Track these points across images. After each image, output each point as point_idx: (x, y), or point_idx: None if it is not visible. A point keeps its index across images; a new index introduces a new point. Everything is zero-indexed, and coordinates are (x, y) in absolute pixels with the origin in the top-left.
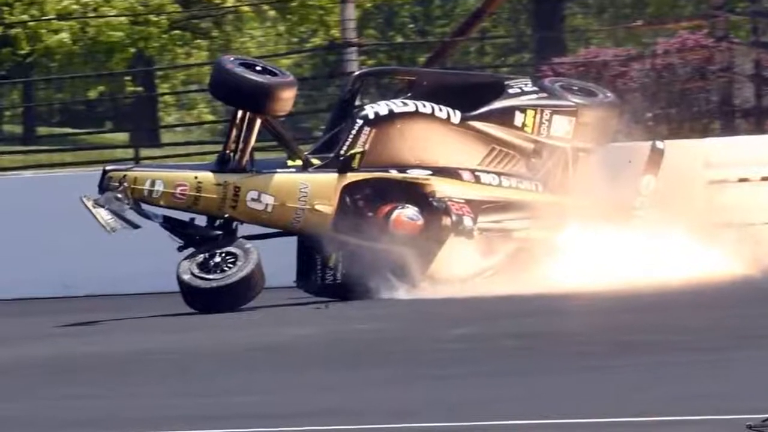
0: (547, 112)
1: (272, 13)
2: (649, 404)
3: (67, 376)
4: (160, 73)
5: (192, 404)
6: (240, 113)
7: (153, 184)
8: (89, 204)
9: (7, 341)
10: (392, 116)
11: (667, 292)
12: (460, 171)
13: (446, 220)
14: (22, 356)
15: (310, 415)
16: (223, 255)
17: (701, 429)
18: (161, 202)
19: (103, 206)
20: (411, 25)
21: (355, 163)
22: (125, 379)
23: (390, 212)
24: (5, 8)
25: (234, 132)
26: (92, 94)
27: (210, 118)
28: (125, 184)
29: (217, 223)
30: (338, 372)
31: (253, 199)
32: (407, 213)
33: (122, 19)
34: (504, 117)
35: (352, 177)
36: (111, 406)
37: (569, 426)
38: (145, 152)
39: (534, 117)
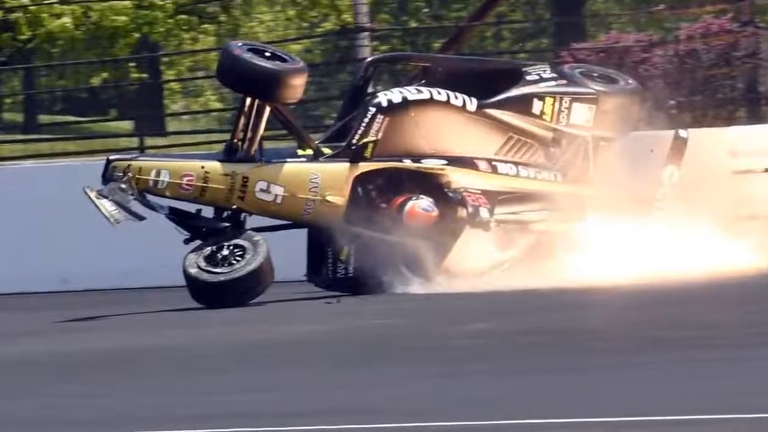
0: (566, 99)
1: None
2: (673, 402)
3: (68, 374)
4: (165, 59)
5: (198, 403)
6: (248, 101)
7: (158, 174)
8: (92, 195)
9: (4, 337)
10: (406, 104)
11: (690, 287)
12: (476, 160)
13: (462, 212)
14: (20, 353)
15: (321, 413)
16: (231, 248)
17: (727, 428)
18: (167, 193)
19: (106, 197)
20: (425, 10)
21: (368, 153)
22: (129, 377)
23: (404, 203)
24: None
25: (242, 120)
26: (95, 80)
27: (217, 105)
28: (130, 174)
29: (225, 214)
30: (350, 369)
31: (262, 190)
32: (421, 204)
33: (126, 3)
34: (522, 105)
35: (364, 167)
36: (114, 405)
37: (590, 425)
38: (150, 141)
39: (553, 105)
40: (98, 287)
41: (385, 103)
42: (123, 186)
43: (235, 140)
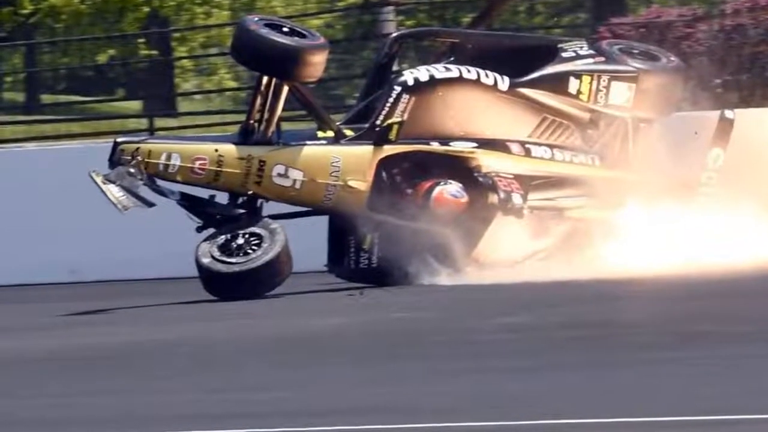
0: (604, 78)
1: None
2: (717, 400)
3: (76, 371)
4: (176, 34)
5: (211, 401)
6: (265, 79)
7: (169, 157)
8: (99, 180)
9: (8, 332)
10: (433, 82)
11: (736, 277)
12: (508, 143)
13: (493, 198)
14: (25, 348)
15: (341, 413)
16: (247, 236)
17: None
18: (178, 178)
19: (114, 182)
20: None
21: (393, 135)
22: (140, 374)
23: (431, 189)
24: None
25: (258, 100)
26: (102, 58)
27: (232, 84)
28: (138, 157)
29: (240, 200)
30: (373, 366)
31: (279, 175)
32: (450, 190)
33: None
34: (557, 83)
35: (389, 150)
36: (124, 404)
37: (627, 426)
38: (160, 122)
39: (590, 83)
40: (109, 278)
41: (411, 82)
42: (131, 170)
43: (251, 121)
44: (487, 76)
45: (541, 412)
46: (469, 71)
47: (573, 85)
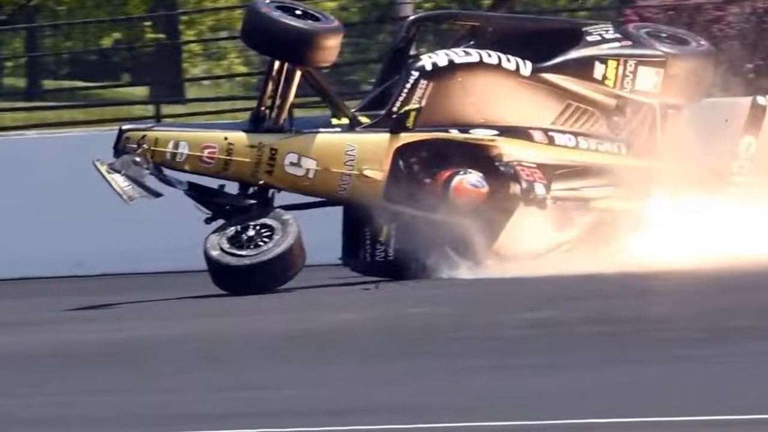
0: (631, 62)
1: None
2: (749, 399)
3: (79, 368)
4: (184, 17)
5: (220, 399)
6: (277, 64)
7: (177, 146)
8: (103, 169)
9: (9, 327)
10: (452, 67)
11: None
12: (531, 131)
13: (515, 188)
14: (26, 344)
15: (356, 412)
16: (258, 228)
17: None
18: (186, 167)
19: (119, 171)
20: None
21: (410, 122)
22: (144, 372)
23: (450, 178)
24: None
25: (270, 86)
26: (106, 42)
27: (242, 69)
28: (144, 146)
29: (251, 190)
30: (389, 363)
31: (292, 164)
32: (470, 179)
33: None
34: (581, 68)
35: (406, 138)
36: (129, 402)
37: (656, 425)
38: (167, 109)
39: (616, 68)
40: (114, 271)
41: (429, 67)
42: (137, 159)
43: (263, 108)
44: (508, 60)
45: (564, 412)
46: (489, 56)
47: (598, 70)
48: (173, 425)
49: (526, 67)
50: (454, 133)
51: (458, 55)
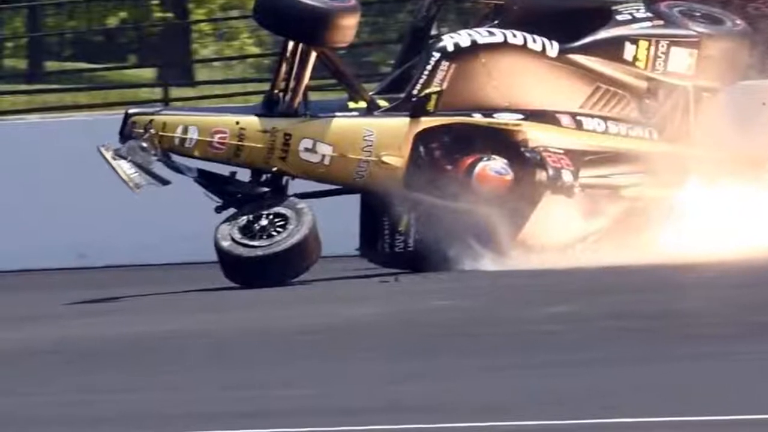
0: (663, 43)
1: None
2: None
3: (82, 365)
4: None
5: (231, 399)
6: (291, 45)
7: (185, 131)
8: (108, 155)
9: (10, 322)
10: (476, 48)
11: None
12: (558, 115)
13: (541, 175)
14: (28, 340)
15: (375, 411)
16: (271, 217)
17: None
18: (195, 153)
19: (125, 158)
20: None
21: (431, 106)
22: (150, 369)
23: (473, 165)
24: None
25: (284, 68)
26: (112, 21)
27: (255, 50)
28: (152, 131)
29: (264, 178)
30: (410, 359)
31: (306, 149)
32: (494, 166)
33: None
34: (611, 49)
35: (427, 122)
36: (134, 401)
37: (691, 425)
38: (175, 92)
39: (648, 49)
40: (119, 263)
41: (451, 48)
42: (144, 145)
43: (276, 91)
44: (534, 41)
45: (590, 411)
46: (514, 36)
47: (629, 51)
48: (181, 425)
49: (553, 48)
50: (478, 118)
51: (482, 35)
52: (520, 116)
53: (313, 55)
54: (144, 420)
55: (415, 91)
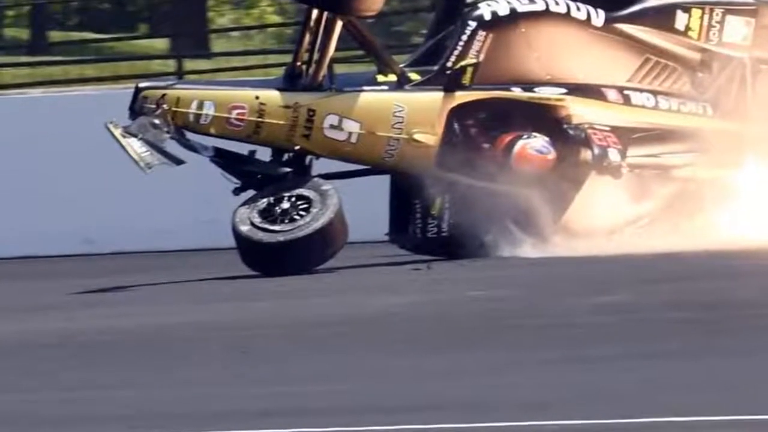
0: (718, 11)
1: None
2: None
3: (89, 358)
4: None
5: (250, 396)
6: (315, 13)
7: (201, 106)
8: (117, 133)
9: (13, 312)
10: (515, 16)
11: None
12: (604, 89)
13: (586, 154)
14: (31, 332)
15: (408, 409)
16: (293, 200)
17: None
18: (212, 130)
19: (135, 136)
20: None
21: (467, 79)
22: (165, 363)
23: (512, 143)
24: None
25: (307, 38)
26: None
27: (276, 19)
28: (164, 106)
29: (286, 157)
30: (445, 353)
31: (332, 126)
32: (534, 144)
33: None
34: (662, 18)
35: (462, 97)
36: (145, 398)
37: (745, 424)
38: (190, 64)
39: (701, 18)
40: (129, 249)
41: (488, 16)
42: (156, 121)
43: (299, 63)
44: (578, 9)
45: (642, 408)
46: (557, 3)
47: (681, 19)
48: (200, 424)
49: (599, 17)
50: (517, 92)
51: (521, 2)
52: (563, 90)
53: (339, 24)
54: (158, 418)
55: (449, 64)
